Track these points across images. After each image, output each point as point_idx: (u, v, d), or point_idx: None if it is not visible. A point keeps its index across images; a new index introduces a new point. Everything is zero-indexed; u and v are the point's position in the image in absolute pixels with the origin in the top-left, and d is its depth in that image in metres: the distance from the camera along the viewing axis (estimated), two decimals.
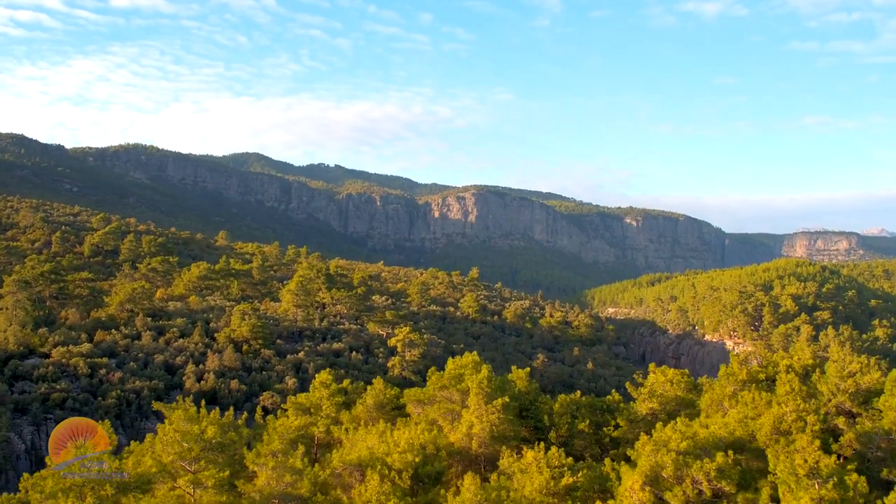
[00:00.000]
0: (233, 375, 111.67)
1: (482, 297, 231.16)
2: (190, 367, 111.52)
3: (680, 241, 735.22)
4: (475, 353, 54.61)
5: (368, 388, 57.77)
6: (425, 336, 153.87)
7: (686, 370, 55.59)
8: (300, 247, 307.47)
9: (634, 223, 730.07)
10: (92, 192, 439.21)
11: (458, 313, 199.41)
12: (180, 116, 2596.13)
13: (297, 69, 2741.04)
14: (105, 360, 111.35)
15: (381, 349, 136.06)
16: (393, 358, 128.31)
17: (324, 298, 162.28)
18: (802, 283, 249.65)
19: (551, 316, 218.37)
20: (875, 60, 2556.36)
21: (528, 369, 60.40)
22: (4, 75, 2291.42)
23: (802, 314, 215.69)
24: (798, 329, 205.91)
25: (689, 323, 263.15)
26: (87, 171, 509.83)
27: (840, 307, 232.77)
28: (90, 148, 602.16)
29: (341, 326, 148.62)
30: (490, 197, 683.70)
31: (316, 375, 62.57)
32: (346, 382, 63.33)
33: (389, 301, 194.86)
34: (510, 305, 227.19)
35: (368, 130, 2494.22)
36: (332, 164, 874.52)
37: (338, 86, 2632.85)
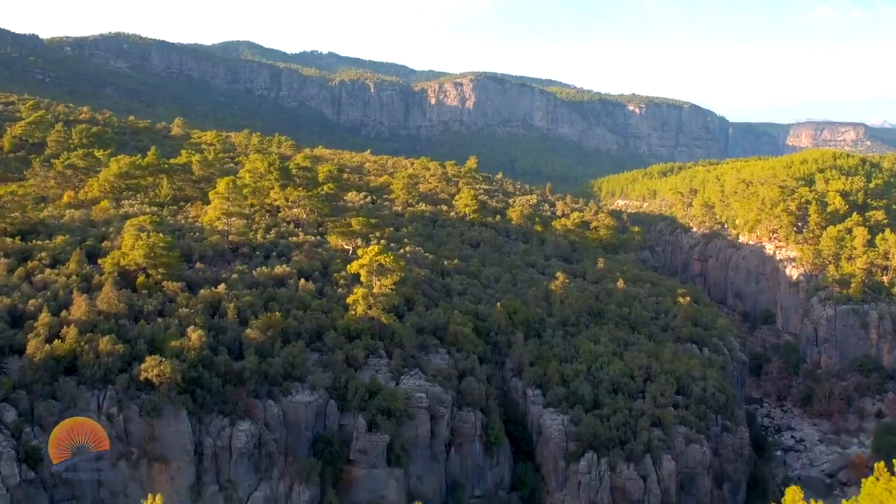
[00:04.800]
0: (108, 328, 71.07)
1: (481, 191, 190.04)
2: (43, 318, 70.74)
3: (684, 130, 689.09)
4: None
5: None
6: (407, 249, 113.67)
7: None
8: (291, 136, 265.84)
9: (637, 111, 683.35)
10: (66, 83, 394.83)
11: (452, 213, 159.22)
12: (170, 1, 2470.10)
13: None
14: None
15: (344, 273, 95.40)
16: (357, 289, 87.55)
17: (277, 200, 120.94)
18: (849, 178, 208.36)
19: (565, 215, 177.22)
20: None
21: None
22: None
23: (854, 214, 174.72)
24: (850, 231, 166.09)
25: (717, 221, 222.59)
26: (62, 61, 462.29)
27: (893, 206, 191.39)
28: (68, 37, 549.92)
29: (294, 239, 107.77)
30: (488, 83, 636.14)
31: None
32: None
33: (368, 200, 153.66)
34: (515, 202, 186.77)
35: (365, 7, 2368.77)
36: (325, 52, 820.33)
37: None
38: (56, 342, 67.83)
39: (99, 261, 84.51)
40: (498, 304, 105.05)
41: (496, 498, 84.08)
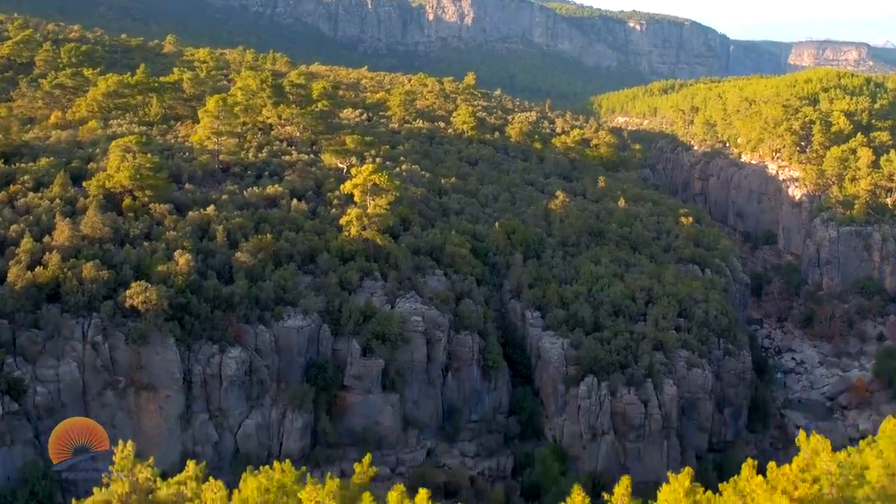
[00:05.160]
0: (92, 254, 68.13)
1: (479, 108, 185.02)
2: (25, 244, 67.77)
3: (685, 47, 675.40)
4: None
5: None
6: (403, 168, 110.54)
7: None
8: (287, 53, 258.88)
9: (638, 27, 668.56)
10: (57, 1, 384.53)
11: (450, 130, 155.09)
12: None
13: None
14: None
15: (338, 193, 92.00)
16: (350, 209, 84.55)
17: (269, 118, 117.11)
18: (853, 98, 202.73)
19: (564, 133, 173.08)
20: None
21: None
22: None
23: (858, 134, 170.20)
24: (854, 152, 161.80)
25: (719, 139, 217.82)
26: None
27: None
28: None
29: (286, 158, 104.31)
30: None
31: None
32: None
33: (364, 117, 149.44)
34: (514, 119, 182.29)
35: None
36: None
37: None
38: (38, 269, 65.02)
39: (84, 183, 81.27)
40: (496, 223, 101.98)
41: (494, 422, 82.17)
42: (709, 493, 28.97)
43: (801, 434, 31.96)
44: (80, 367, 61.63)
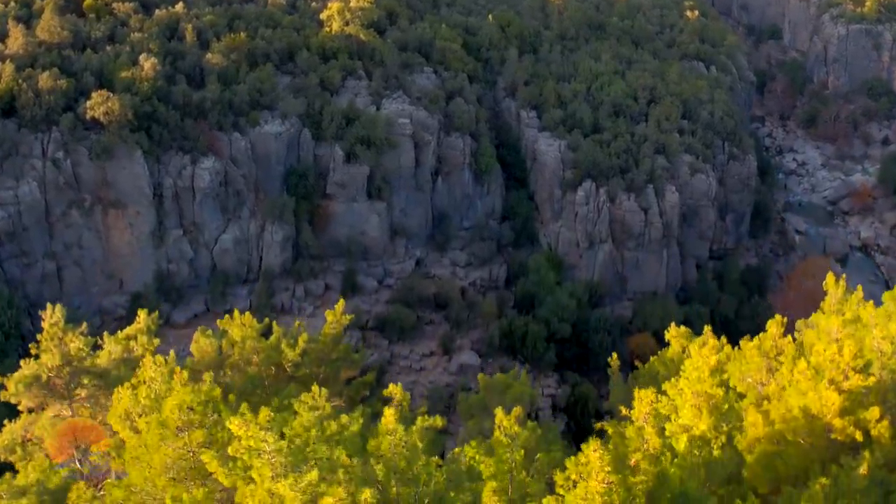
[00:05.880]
0: (49, 62, 62.76)
1: None
2: None
3: None
4: None
5: None
6: None
7: None
8: None
9: None
10: None
11: None
12: None
13: None
14: None
15: None
16: (332, 3, 77.81)
17: None
18: None
19: None
20: None
21: None
22: None
23: None
24: None
25: None
26: None
27: None
28: None
29: None
30: None
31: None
32: None
33: None
34: None
35: None
36: None
37: None
38: None
39: None
40: (490, 15, 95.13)
41: (487, 229, 79.13)
42: (729, 348, 24.77)
43: (830, 277, 27.38)
44: (41, 186, 58.05)
